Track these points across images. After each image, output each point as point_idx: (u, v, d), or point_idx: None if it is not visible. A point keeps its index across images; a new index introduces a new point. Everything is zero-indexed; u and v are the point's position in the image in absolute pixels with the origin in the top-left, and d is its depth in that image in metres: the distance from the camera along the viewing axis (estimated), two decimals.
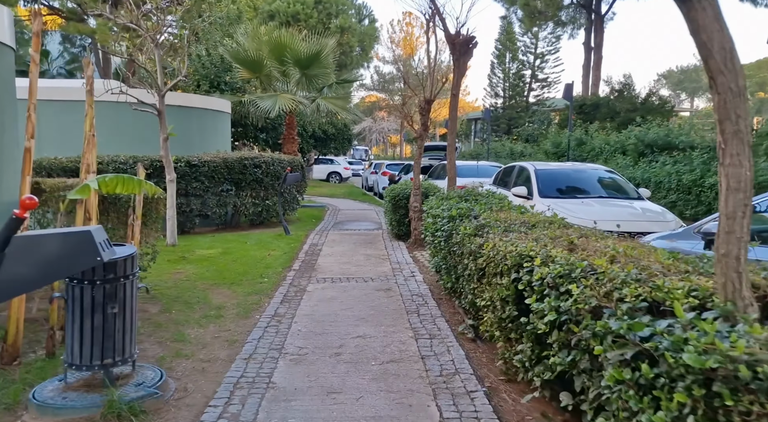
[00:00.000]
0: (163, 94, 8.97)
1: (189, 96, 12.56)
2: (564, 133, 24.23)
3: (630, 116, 24.90)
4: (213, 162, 11.06)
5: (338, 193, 23.77)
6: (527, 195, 8.51)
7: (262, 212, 12.25)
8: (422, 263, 8.40)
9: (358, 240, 10.59)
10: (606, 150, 19.20)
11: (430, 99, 10.11)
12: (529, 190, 8.57)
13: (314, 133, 25.61)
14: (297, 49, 14.44)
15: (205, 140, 12.65)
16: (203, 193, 11.01)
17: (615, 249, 3.18)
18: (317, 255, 8.99)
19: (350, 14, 30.42)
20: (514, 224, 4.77)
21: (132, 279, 3.38)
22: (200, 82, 16.22)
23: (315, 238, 10.78)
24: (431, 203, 7.10)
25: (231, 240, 10.02)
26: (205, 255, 8.50)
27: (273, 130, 17.92)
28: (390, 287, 6.81)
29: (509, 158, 27.54)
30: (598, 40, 33.28)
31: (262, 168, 11.90)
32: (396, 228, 10.63)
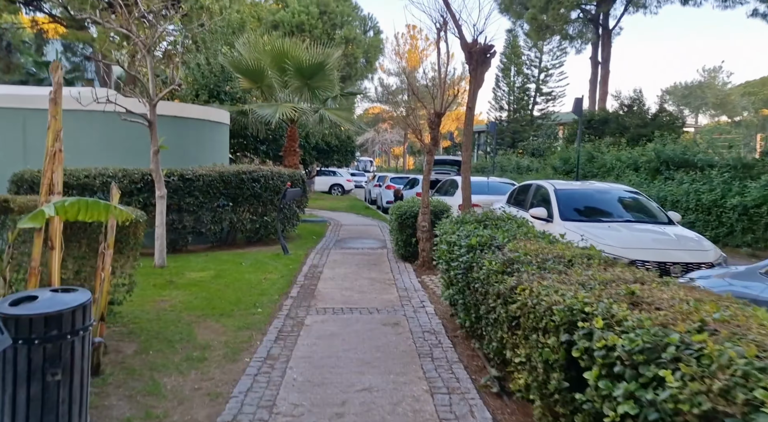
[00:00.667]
0: (155, 104, 8.32)
1: (186, 106, 11.92)
2: (573, 148, 23.60)
3: (640, 132, 24.29)
4: (208, 176, 10.40)
5: (340, 207, 23.10)
6: (547, 217, 7.81)
7: (260, 229, 11.56)
8: (432, 290, 7.70)
9: (361, 261, 9.90)
10: (618, 166, 18.54)
11: (440, 112, 9.47)
12: (549, 211, 7.87)
13: (317, 144, 24.99)
14: (299, 58, 13.83)
15: (202, 152, 12.00)
16: (197, 208, 10.33)
17: (696, 307, 2.48)
18: (317, 278, 8.29)
19: (355, 25, 29.94)
20: (547, 259, 4.08)
21: (83, 335, 2.69)
22: (199, 92, 15.61)
23: (315, 258, 10.08)
24: (444, 227, 6.40)
25: (225, 261, 9.32)
26: (196, 278, 7.80)
27: (274, 141, 17.29)
28: (398, 321, 6.10)
29: (515, 173, 26.92)
30: (606, 54, 32.75)
31: (261, 182, 11.23)
32: (402, 248, 9.94)
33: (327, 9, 28.14)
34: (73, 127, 10.45)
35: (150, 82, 8.28)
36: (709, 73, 73.42)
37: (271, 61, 14.20)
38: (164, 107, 11.35)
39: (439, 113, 9.48)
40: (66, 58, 36.16)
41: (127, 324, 5.49)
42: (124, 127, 8.96)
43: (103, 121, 10.15)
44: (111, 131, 10.50)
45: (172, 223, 10.03)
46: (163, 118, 11.07)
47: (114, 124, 9.26)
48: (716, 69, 72.37)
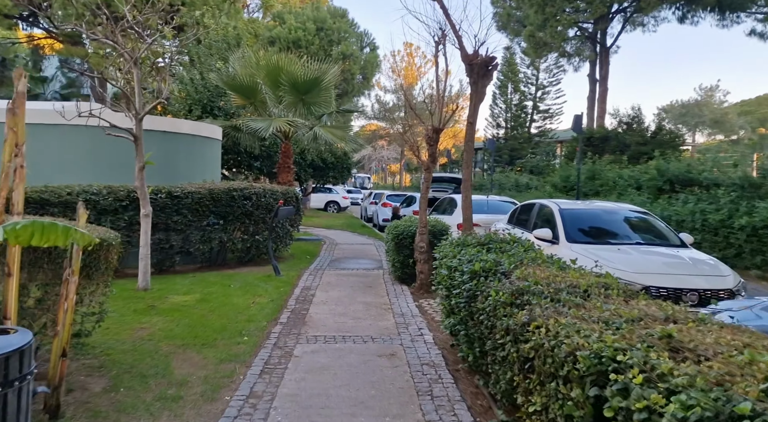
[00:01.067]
0: (141, 118, 7.93)
1: (176, 121, 11.55)
2: (573, 166, 23.27)
3: (640, 150, 24.01)
4: (197, 193, 9.98)
5: (336, 224, 22.67)
6: (552, 239, 7.40)
7: (252, 249, 11.13)
8: (431, 315, 7.26)
9: (356, 283, 9.45)
10: (620, 184, 18.19)
11: (439, 128, 9.11)
12: (554, 233, 7.46)
13: (312, 161, 24.62)
14: (294, 73, 13.51)
15: (193, 169, 11.60)
16: (185, 227, 9.90)
17: (752, 356, 2.07)
18: (309, 302, 7.84)
19: (352, 42, 29.77)
20: (561, 289, 3.67)
21: (20, 386, 2.25)
22: (192, 107, 15.26)
23: (308, 280, 9.63)
24: (444, 249, 5.99)
25: (213, 283, 8.87)
26: (180, 303, 7.34)
27: (268, 158, 16.91)
28: (395, 351, 5.65)
29: (514, 190, 26.57)
30: (604, 72, 32.64)
31: (252, 200, 10.81)
32: (399, 270, 9.50)
33: (324, 25, 27.99)
34: (58, 142, 10.10)
35: (136, 95, 7.89)
36: (706, 92, 73.64)
37: (266, 76, 13.87)
38: (154, 122, 10.99)
39: (437, 129, 9.12)
40: (62, 74, 35.94)
41: (99, 355, 5.03)
42: (111, 142, 8.57)
43: (89, 136, 9.77)
44: (98, 146, 10.11)
45: (158, 243, 9.60)
46: (153, 134, 10.71)
47: (101, 140, 8.86)
48: (713, 87, 72.52)
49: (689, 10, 31.38)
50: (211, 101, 15.47)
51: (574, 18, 28.43)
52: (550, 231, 7.37)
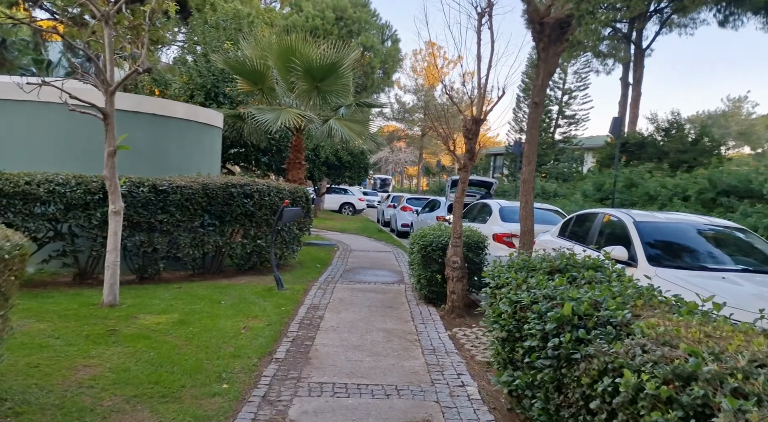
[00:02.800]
0: (113, 91, 6.38)
1: (168, 103, 10.01)
2: (608, 173, 21.50)
3: (680, 158, 22.18)
4: (188, 188, 8.44)
5: (351, 228, 21.10)
6: (628, 260, 5.73)
7: (253, 255, 9.57)
8: (469, 352, 5.63)
9: (374, 302, 7.85)
10: (662, 194, 16.40)
11: (479, 118, 7.50)
12: (630, 252, 5.79)
13: (327, 159, 23.07)
14: (309, 56, 11.94)
15: (186, 159, 10.07)
16: (173, 228, 8.36)
17: None
18: (316, 328, 6.25)
19: (373, 34, 28.19)
20: (749, 371, 2.04)
21: None
22: (194, 93, 13.76)
23: (317, 296, 8.05)
24: (500, 274, 4.35)
25: (200, 298, 7.30)
26: (151, 326, 5.78)
27: (278, 153, 15.37)
28: (430, 415, 4.03)
29: (541, 198, 24.81)
30: (638, 75, 30.78)
31: (255, 198, 9.25)
32: (425, 288, 7.87)
33: (344, 14, 26.44)
34: (23, 121, 8.60)
35: (107, 61, 6.35)
36: (734, 103, 71.25)
37: (277, 59, 12.32)
38: (141, 103, 9.49)
39: (477, 119, 7.51)
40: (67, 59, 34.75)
41: (2, 415, 3.47)
42: (91, 124, 7.06)
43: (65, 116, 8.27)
44: (75, 128, 8.62)
45: (139, 246, 8.08)
46: (140, 116, 9.22)
47: (77, 120, 7.36)
48: (741, 99, 70.14)
49: (732, 13, 29.46)
50: (215, 86, 13.94)
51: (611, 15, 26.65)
52: (624, 251, 5.69)
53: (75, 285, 7.80)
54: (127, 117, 9.18)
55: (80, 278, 8.05)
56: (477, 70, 7.59)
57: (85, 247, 7.89)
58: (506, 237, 9.21)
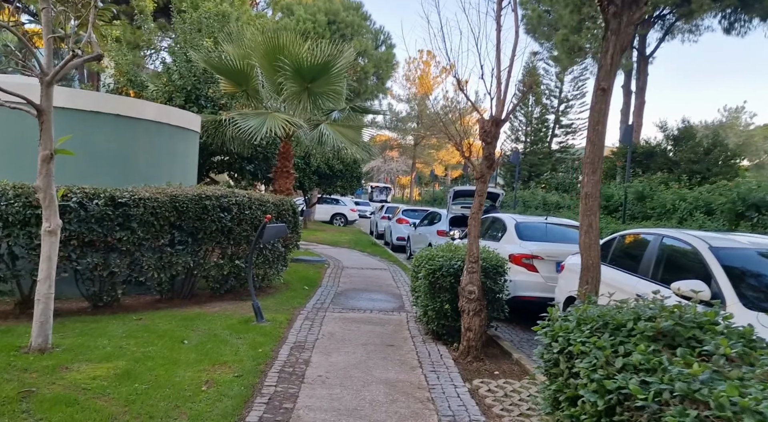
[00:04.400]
0: (49, 81, 5.09)
1: (134, 102, 8.71)
2: (616, 185, 20.37)
3: (692, 168, 21.06)
4: (153, 200, 7.13)
5: (342, 241, 19.80)
6: (710, 299, 4.44)
7: (230, 277, 8.27)
8: (501, 420, 4.33)
9: (371, 338, 6.55)
10: (681, 208, 15.22)
11: (499, 118, 6.29)
12: (715, 289, 4.49)
13: (318, 168, 21.79)
14: (298, 55, 10.70)
15: (157, 167, 8.77)
16: (135, 247, 7.04)
17: None
18: (300, 380, 4.94)
19: (366, 38, 27.05)
20: None
21: None
22: (173, 95, 12.47)
23: (303, 330, 6.75)
24: (555, 329, 3.06)
25: (160, 334, 5.98)
26: (84, 381, 4.45)
27: (264, 161, 14.09)
28: None
29: (542, 209, 23.61)
30: (641, 82, 29.78)
31: (233, 212, 7.96)
32: (434, 322, 6.58)
33: (336, 18, 25.30)
34: None
35: (45, 45, 5.07)
36: (731, 113, 70.79)
37: (263, 58, 11.07)
38: (103, 101, 8.21)
39: (497, 120, 6.30)
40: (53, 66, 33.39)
41: None
42: None
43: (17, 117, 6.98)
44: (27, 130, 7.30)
45: (93, 269, 6.75)
46: (100, 117, 7.92)
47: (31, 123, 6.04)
48: (738, 109, 69.73)
49: (738, 19, 28.58)
50: (196, 88, 12.65)
51: None
52: (703, 286, 4.40)
53: (13, 317, 6.47)
54: (86, 117, 7.91)
55: (22, 307, 6.71)
56: (497, 61, 6.38)
57: (27, 271, 6.56)
58: (525, 258, 7.95)
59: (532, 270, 7.89)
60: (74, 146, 7.51)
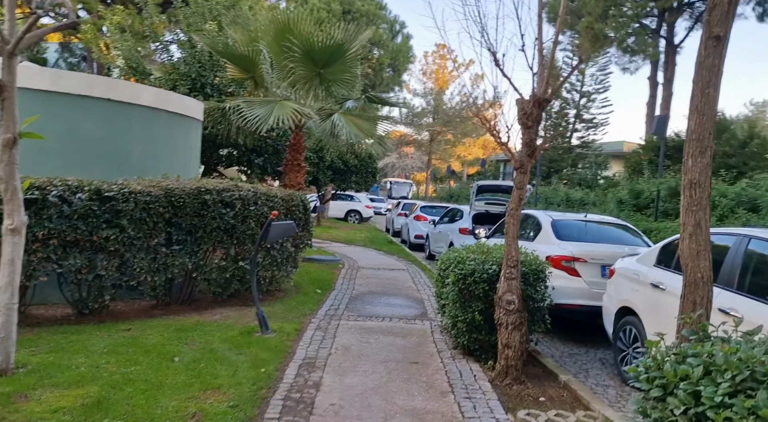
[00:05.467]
0: (12, 51, 4.26)
1: (127, 85, 7.91)
2: (646, 180, 19.27)
3: (727, 162, 19.89)
4: (146, 194, 6.32)
5: (357, 239, 18.94)
6: None
7: (233, 280, 7.43)
8: None
9: (391, 354, 5.68)
10: (722, 204, 14.15)
11: (542, 98, 5.41)
12: None
13: (332, 163, 20.95)
14: (309, 36, 9.85)
15: (153, 158, 7.96)
16: (125, 247, 6.23)
17: None
18: (309, 408, 4.10)
19: (382, 28, 26.11)
20: None
21: None
22: (177, 83, 11.67)
23: (314, 342, 5.89)
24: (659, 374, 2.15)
25: (148, 349, 5.15)
26: (43, 414, 3.63)
27: (275, 154, 13.26)
28: None
29: (564, 206, 22.59)
30: (669, 74, 28.54)
31: (236, 208, 7.13)
32: (464, 335, 5.68)
33: (351, 8, 24.44)
34: None
35: (6, 9, 4.25)
36: (757, 107, 68.80)
37: (272, 41, 10.23)
38: (92, 84, 7.39)
39: (540, 100, 5.41)
40: (63, 60, 32.97)
41: None
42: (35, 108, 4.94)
43: None
44: None
45: (77, 272, 5.96)
46: (89, 101, 7.12)
47: None
48: (765, 103, 67.70)
49: None
50: (201, 76, 11.84)
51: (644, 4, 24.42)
52: None
53: None
54: (74, 102, 7.12)
55: None
56: (538, 28, 5.49)
57: None
58: (565, 260, 7.01)
59: (574, 274, 6.95)
60: (60, 133, 6.72)
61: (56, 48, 31.19)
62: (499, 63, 5.68)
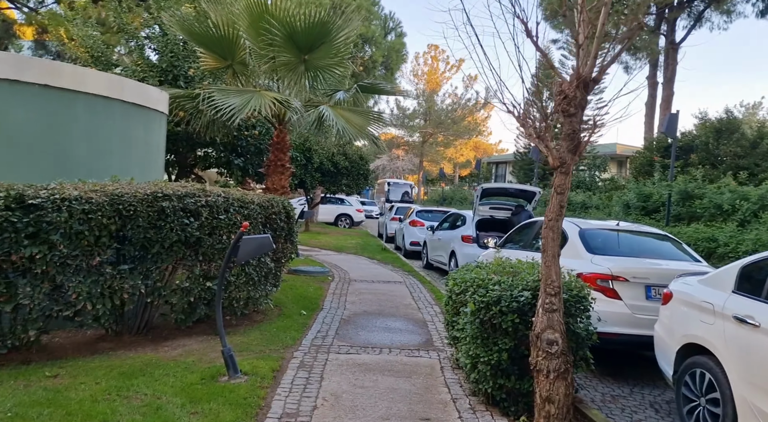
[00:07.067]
0: None
1: (69, 69, 6.56)
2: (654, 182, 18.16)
3: (738, 163, 18.88)
4: (85, 201, 5.04)
5: (348, 246, 17.67)
6: None
7: (199, 304, 6.14)
8: None
9: (393, 407, 4.43)
10: (743, 208, 13.03)
11: (589, 77, 4.27)
12: None
13: (321, 164, 19.69)
14: (291, 17, 8.64)
15: (104, 157, 6.67)
16: (56, 268, 4.93)
17: None
18: None
19: (374, 24, 24.90)
20: None
21: None
22: (146, 74, 10.37)
23: (294, 391, 4.63)
24: None
25: (69, 412, 3.87)
26: None
27: (257, 154, 11.96)
28: None
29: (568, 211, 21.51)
30: (669, 73, 27.56)
31: (202, 217, 5.85)
32: (488, 381, 4.42)
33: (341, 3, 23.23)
34: None
35: None
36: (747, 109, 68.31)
37: (249, 25, 8.98)
38: (25, 66, 6.08)
39: (586, 80, 4.26)
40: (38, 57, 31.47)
41: None
42: None
43: None
44: None
45: None
46: (21, 88, 5.83)
47: None
48: (756, 105, 67.20)
49: None
50: (174, 66, 10.53)
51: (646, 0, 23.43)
52: None
53: None
54: None
55: None
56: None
57: None
58: (601, 279, 5.79)
59: (612, 296, 5.73)
60: None
61: (30, 45, 29.68)
62: (531, 33, 4.47)
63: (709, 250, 11.39)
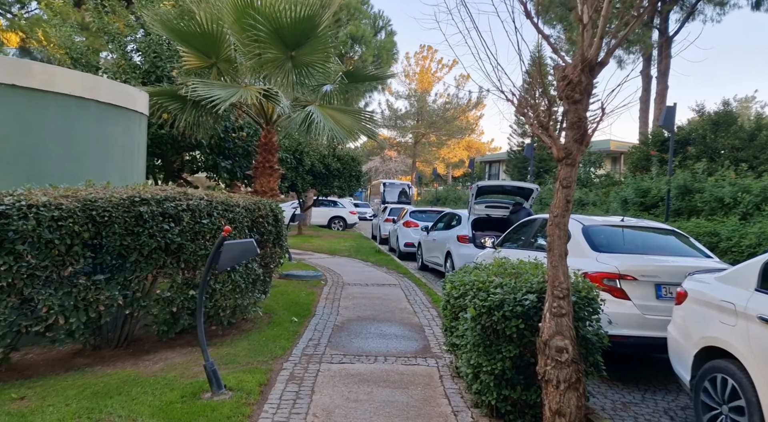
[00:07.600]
0: None
1: (38, 67, 6.18)
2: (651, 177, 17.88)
3: (737, 156, 18.62)
4: (54, 207, 4.68)
5: (342, 248, 17.31)
6: None
7: (182, 313, 5.78)
8: None
9: (391, 419, 4.08)
10: (745, 201, 12.75)
11: (595, 60, 4.01)
12: None
13: (313, 167, 19.33)
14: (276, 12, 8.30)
15: (77, 161, 6.30)
16: (24, 280, 4.57)
17: None
18: None
19: (364, 23, 24.54)
20: None
21: None
22: (128, 76, 10.00)
23: (283, 407, 4.30)
24: None
25: None
26: None
27: (245, 156, 11.60)
28: None
29: None
30: (663, 66, 27.34)
31: (183, 222, 5.50)
32: (491, 392, 4.09)
33: None
34: None
35: None
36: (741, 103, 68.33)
37: (234, 20, 8.63)
38: None
39: (591, 63, 3.98)
40: None
41: None
42: None
43: None
44: None
45: None
46: None
47: None
48: (748, 98, 67.30)
49: None
50: (156, 66, 10.16)
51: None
52: None
53: None
54: None
55: None
56: None
57: None
58: (608, 278, 5.47)
59: (620, 296, 5.41)
60: None
61: (14, 52, 29.19)
62: (530, 14, 4.17)
63: (711, 245, 11.10)
